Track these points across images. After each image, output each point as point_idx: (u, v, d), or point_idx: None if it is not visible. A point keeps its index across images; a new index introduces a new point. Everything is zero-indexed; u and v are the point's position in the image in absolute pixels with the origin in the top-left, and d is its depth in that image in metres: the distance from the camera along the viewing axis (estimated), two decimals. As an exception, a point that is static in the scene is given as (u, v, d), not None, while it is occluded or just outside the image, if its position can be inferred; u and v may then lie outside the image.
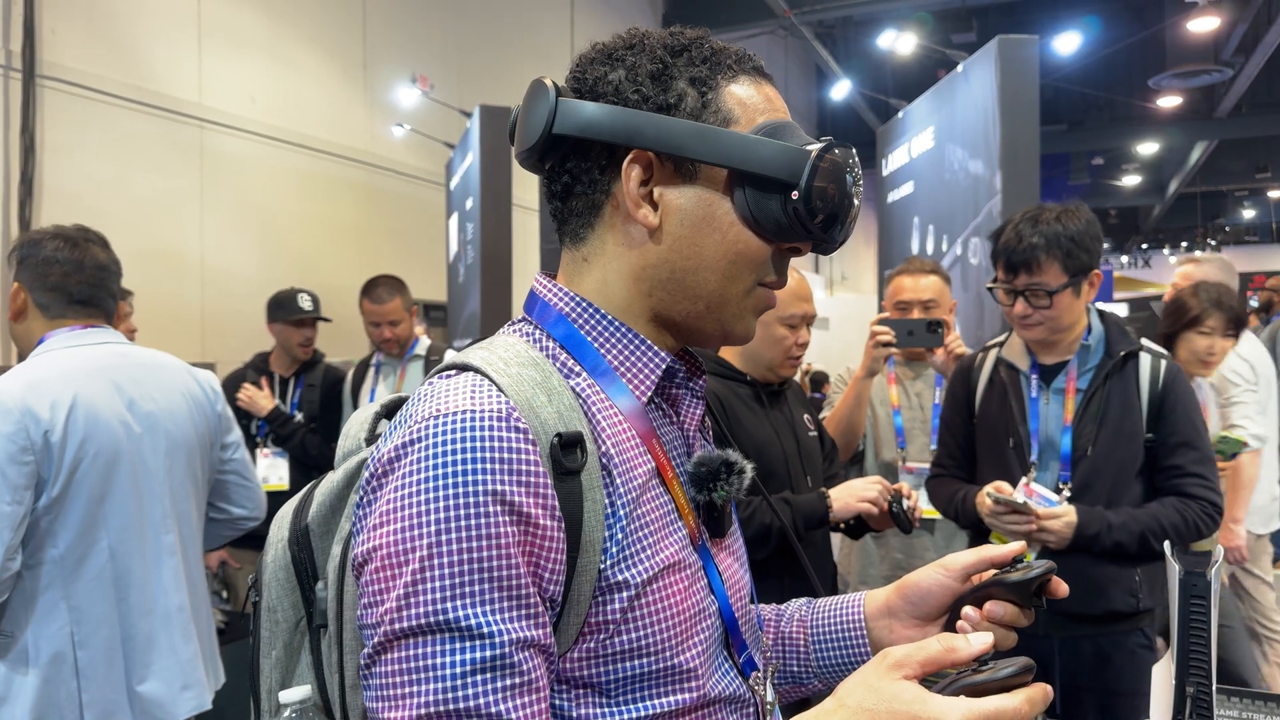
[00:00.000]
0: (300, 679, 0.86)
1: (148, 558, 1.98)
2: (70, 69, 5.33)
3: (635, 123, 0.79)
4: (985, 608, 0.88)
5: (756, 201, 0.80)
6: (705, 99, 0.81)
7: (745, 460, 0.87)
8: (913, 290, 2.75)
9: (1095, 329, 2.09)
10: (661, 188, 0.81)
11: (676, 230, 0.82)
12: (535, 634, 0.70)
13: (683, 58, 0.82)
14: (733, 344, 0.89)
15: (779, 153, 0.79)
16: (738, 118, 0.82)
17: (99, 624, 1.88)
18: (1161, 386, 2.03)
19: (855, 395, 2.58)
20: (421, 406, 0.75)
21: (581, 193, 0.84)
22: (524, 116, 0.85)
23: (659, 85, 0.81)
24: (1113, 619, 1.99)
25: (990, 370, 2.22)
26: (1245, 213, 23.03)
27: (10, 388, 1.82)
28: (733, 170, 0.80)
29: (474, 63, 8.84)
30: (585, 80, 0.83)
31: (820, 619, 1.03)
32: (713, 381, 1.99)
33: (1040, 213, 2.02)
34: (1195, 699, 1.37)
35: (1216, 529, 2.03)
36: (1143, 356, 2.06)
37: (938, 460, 2.34)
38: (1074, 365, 2.07)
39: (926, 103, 4.72)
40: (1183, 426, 2.01)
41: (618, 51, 0.83)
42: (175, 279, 5.96)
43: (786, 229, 0.81)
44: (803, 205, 0.79)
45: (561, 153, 0.83)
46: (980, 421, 2.21)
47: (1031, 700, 0.67)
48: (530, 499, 0.70)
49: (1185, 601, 1.39)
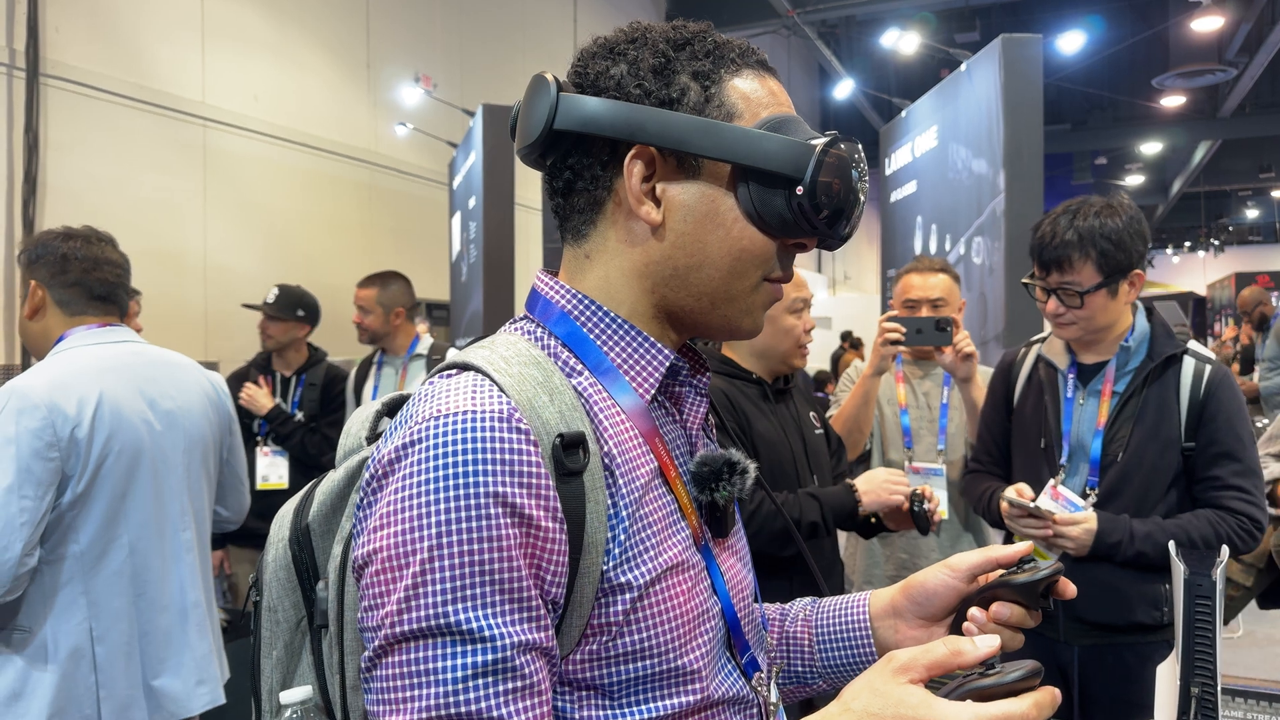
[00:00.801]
0: (301, 679, 0.85)
1: (166, 554, 2.00)
2: (74, 68, 5.34)
3: (637, 118, 0.78)
4: (991, 609, 0.87)
5: (761, 197, 0.79)
6: (708, 93, 0.80)
7: (748, 460, 0.86)
8: (921, 288, 2.72)
9: (1139, 329, 1.99)
10: (664, 184, 0.80)
11: (680, 227, 0.81)
12: (537, 637, 0.69)
13: (685, 51, 0.81)
14: (740, 339, 0.88)
15: (783, 147, 0.78)
16: (741, 112, 0.80)
17: (117, 619, 1.89)
18: (1204, 393, 1.91)
19: (863, 393, 2.56)
20: (422, 407, 0.74)
21: (583, 189, 0.83)
22: (525, 112, 0.84)
23: (661, 80, 0.80)
24: (1137, 630, 1.92)
25: (1030, 368, 2.15)
26: (1249, 212, 23.01)
27: (36, 384, 1.83)
28: (736, 165, 0.79)
29: (477, 62, 8.85)
30: (586, 75, 0.82)
31: (825, 619, 1.02)
32: (720, 381, 1.98)
33: (1081, 206, 1.91)
34: (1200, 699, 1.37)
35: (1256, 545, 1.91)
36: (1186, 360, 1.95)
37: (975, 456, 2.29)
38: (1112, 366, 1.99)
39: (930, 102, 4.71)
40: (1224, 436, 1.89)
41: (619, 45, 0.82)
42: (178, 278, 5.97)
43: (791, 224, 0.80)
44: (807, 200, 0.78)
45: (563, 148, 0.82)
46: (1016, 420, 2.15)
47: (1039, 705, 0.65)
48: (532, 500, 0.69)
49: (1190, 602, 1.39)
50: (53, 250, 2.02)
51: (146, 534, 1.96)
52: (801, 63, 14.60)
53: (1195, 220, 22.32)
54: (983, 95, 3.92)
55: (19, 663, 1.81)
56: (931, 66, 11.17)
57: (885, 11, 11.03)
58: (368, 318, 3.77)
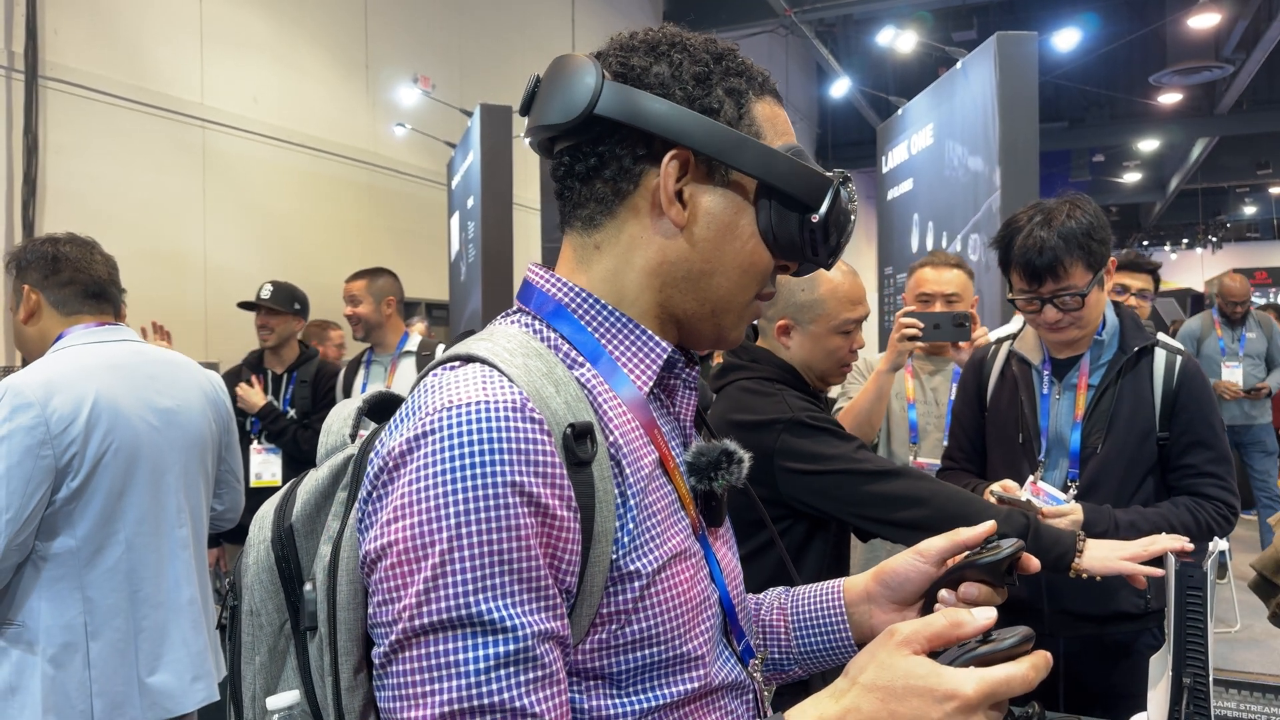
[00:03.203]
0: (286, 684, 0.83)
1: (162, 551, 2.01)
2: (73, 69, 5.35)
3: (686, 121, 0.80)
4: (960, 590, 0.90)
5: (779, 217, 0.83)
6: (740, 110, 0.83)
7: (742, 450, 0.88)
8: (935, 283, 2.69)
9: (1110, 322, 2.02)
10: (693, 187, 0.83)
11: (702, 232, 0.83)
12: (555, 626, 0.70)
13: (721, 65, 0.84)
14: (723, 348, 0.90)
15: (806, 175, 0.82)
16: (766, 134, 0.84)
17: (111, 615, 1.90)
18: (1176, 383, 1.95)
19: (876, 389, 2.53)
20: (431, 398, 0.73)
21: (610, 179, 0.83)
22: (555, 90, 0.82)
23: (703, 88, 0.82)
24: (1120, 619, 1.95)
25: (1002, 363, 2.16)
26: (1246, 209, 23.00)
27: (32, 381, 1.84)
28: (763, 184, 0.82)
29: (475, 62, 8.85)
30: (630, 67, 0.82)
31: (801, 606, 1.04)
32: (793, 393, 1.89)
33: (1050, 213, 1.91)
34: (1192, 690, 1.38)
35: (1231, 530, 1.96)
36: (1158, 352, 1.99)
37: (948, 453, 2.30)
38: (1086, 360, 2.01)
39: (926, 100, 4.73)
40: (1197, 425, 1.94)
41: (661, 46, 0.83)
42: (178, 279, 5.98)
43: (798, 248, 0.84)
44: (819, 229, 0.83)
45: (594, 134, 0.82)
46: (991, 416, 2.17)
47: (1035, 666, 0.68)
48: (548, 490, 0.70)
49: (1182, 593, 1.40)
50: (42, 253, 2.03)
51: (143, 531, 1.96)
52: (799, 61, 14.60)
53: (1193, 217, 22.30)
54: (978, 93, 3.93)
55: (13, 656, 1.82)
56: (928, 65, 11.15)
57: (882, 10, 11.02)
58: (359, 307, 3.77)
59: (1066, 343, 2.01)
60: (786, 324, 1.96)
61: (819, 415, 1.85)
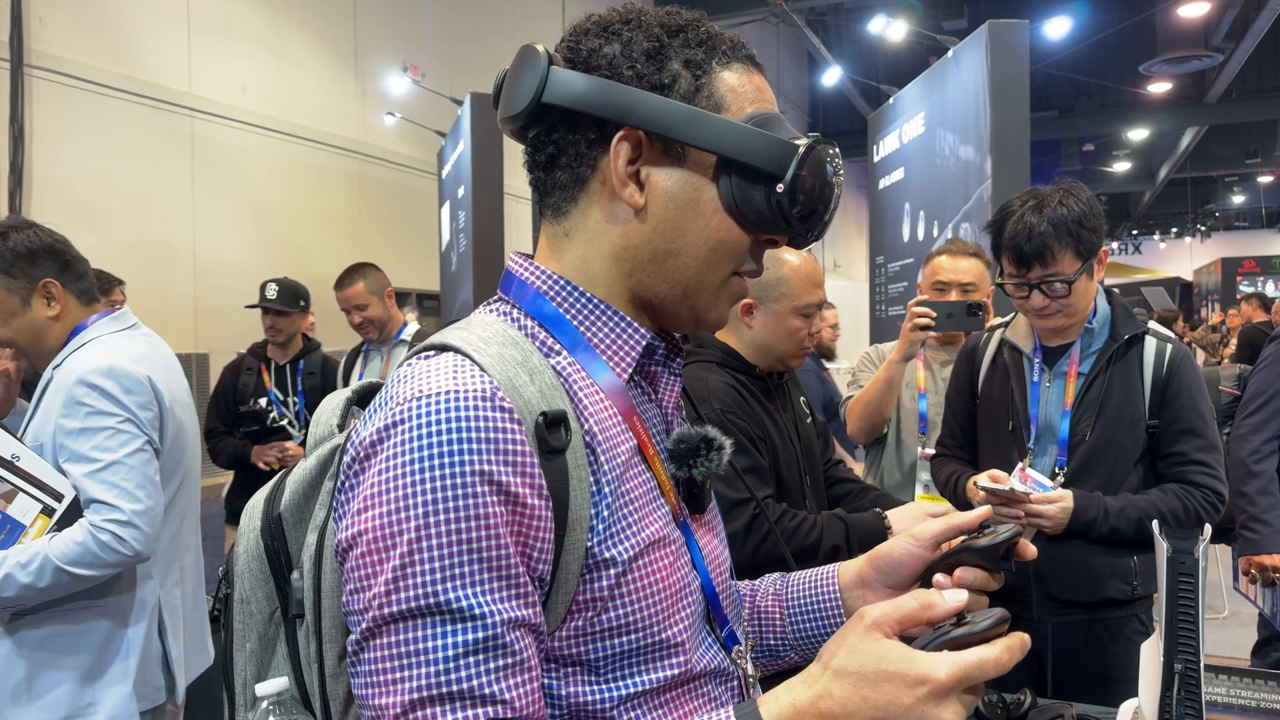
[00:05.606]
0: (276, 670, 0.84)
1: (195, 526, 2.13)
2: (59, 58, 5.30)
3: (628, 100, 0.78)
4: (955, 574, 0.89)
5: (741, 191, 0.80)
6: (699, 82, 0.81)
7: (724, 437, 0.88)
8: (951, 271, 2.64)
9: (1101, 310, 2.03)
10: (649, 168, 0.81)
11: (661, 212, 0.81)
12: (525, 613, 0.70)
13: (679, 38, 0.82)
14: (705, 330, 0.89)
15: (767, 144, 0.79)
16: (729, 105, 0.81)
17: (173, 589, 1.99)
18: (1166, 371, 1.96)
19: (887, 379, 2.51)
20: (403, 388, 0.73)
21: (567, 165, 0.82)
22: (511, 82, 0.82)
23: (654, 64, 0.80)
24: (1107, 605, 1.97)
25: (994, 351, 2.17)
26: (1235, 198, 23.12)
27: (122, 362, 1.84)
28: (721, 157, 0.80)
29: (465, 51, 8.81)
30: (579, 51, 0.81)
31: (795, 592, 1.04)
32: (724, 375, 1.95)
33: (1042, 199, 1.92)
34: (1183, 676, 1.39)
35: (1219, 518, 1.98)
36: (1148, 340, 2.00)
37: (940, 441, 2.31)
38: (1077, 348, 2.02)
39: (917, 88, 4.73)
40: (1186, 413, 1.95)
41: (613, 25, 0.82)
42: (167, 269, 5.95)
43: (768, 220, 0.81)
44: (786, 199, 0.79)
45: (549, 122, 0.82)
46: (982, 404, 2.18)
47: (1010, 649, 0.67)
48: (517, 478, 0.70)
49: (1173, 579, 1.41)
50: (41, 245, 1.88)
51: (192, 504, 2.07)
52: (790, 50, 14.59)
53: (1182, 206, 22.41)
54: (969, 81, 3.94)
55: (103, 630, 1.85)
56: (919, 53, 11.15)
57: (873, -1, 11.04)
58: (369, 310, 3.75)
59: (1054, 330, 2.03)
60: (750, 303, 1.96)
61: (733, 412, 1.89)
